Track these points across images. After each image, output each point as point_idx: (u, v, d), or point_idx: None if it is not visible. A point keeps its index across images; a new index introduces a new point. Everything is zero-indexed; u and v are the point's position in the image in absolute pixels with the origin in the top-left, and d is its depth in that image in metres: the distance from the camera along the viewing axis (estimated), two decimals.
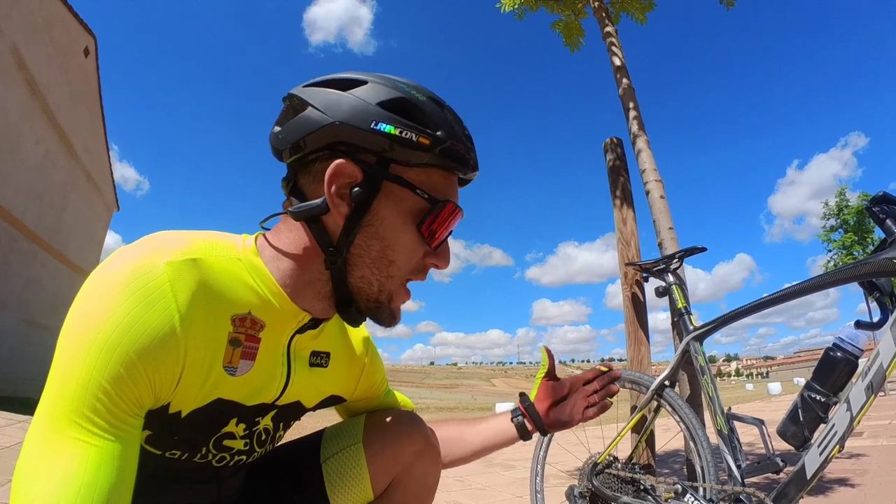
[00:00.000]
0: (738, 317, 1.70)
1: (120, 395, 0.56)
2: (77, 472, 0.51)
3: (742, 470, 1.54)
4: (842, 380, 1.39)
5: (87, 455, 0.53)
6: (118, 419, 0.56)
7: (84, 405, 0.54)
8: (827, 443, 1.31)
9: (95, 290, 0.58)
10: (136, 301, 0.57)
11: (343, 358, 0.92)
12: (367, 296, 0.72)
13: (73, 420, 0.54)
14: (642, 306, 2.49)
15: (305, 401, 0.86)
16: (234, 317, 0.68)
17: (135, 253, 0.61)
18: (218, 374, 0.68)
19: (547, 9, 4.00)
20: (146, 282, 0.59)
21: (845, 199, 18.84)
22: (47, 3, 9.76)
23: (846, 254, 18.15)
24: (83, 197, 12.98)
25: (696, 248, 2.07)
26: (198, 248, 0.66)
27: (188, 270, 0.63)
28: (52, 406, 0.55)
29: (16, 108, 9.14)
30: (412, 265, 0.73)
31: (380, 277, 0.71)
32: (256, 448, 0.83)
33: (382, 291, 0.72)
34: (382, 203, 0.69)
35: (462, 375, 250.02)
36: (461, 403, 52.73)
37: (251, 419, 0.78)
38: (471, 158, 0.73)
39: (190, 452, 0.74)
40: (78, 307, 0.58)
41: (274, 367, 0.76)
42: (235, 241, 0.73)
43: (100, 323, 0.56)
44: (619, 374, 1.15)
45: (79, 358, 0.55)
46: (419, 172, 0.70)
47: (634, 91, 2.99)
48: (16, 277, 9.80)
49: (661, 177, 2.64)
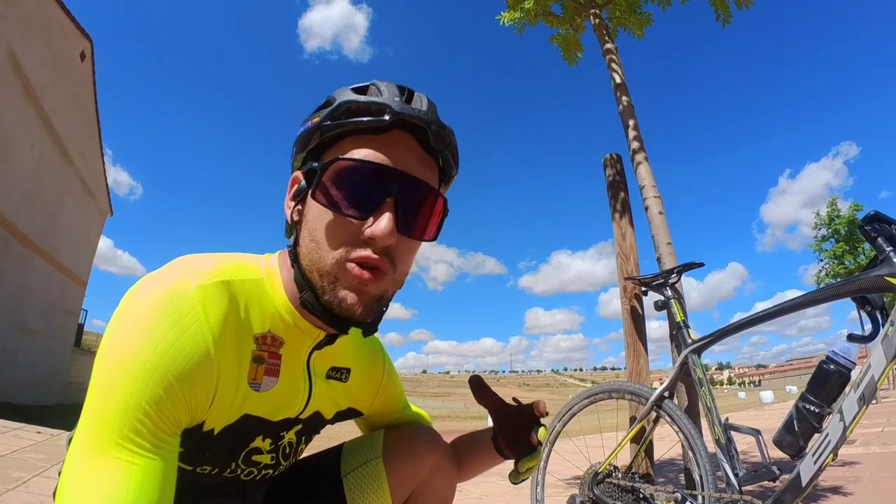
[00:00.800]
0: (735, 330, 1.75)
1: (160, 416, 0.58)
2: (121, 490, 0.53)
3: (739, 478, 1.58)
4: (835, 391, 1.44)
5: (131, 474, 0.54)
6: (159, 439, 0.58)
7: (126, 426, 0.55)
8: (821, 451, 1.36)
9: (130, 314, 0.60)
10: (170, 325, 0.59)
11: (361, 373, 0.94)
12: (318, 288, 0.68)
13: (115, 441, 0.55)
14: (641, 319, 2.54)
15: (326, 413, 0.89)
16: (256, 335, 0.72)
17: (166, 277, 0.64)
18: (244, 391, 0.71)
19: (546, 23, 4.05)
20: (179, 306, 0.61)
21: (836, 209, 18.96)
22: (44, 6, 9.74)
23: (837, 263, 18.26)
24: (77, 202, 12.89)
25: (694, 263, 2.13)
26: (224, 271, 0.69)
27: (218, 293, 0.65)
28: (94, 428, 0.56)
29: (11, 112, 9.11)
30: (341, 240, 0.66)
31: (316, 263, 0.67)
32: (282, 462, 0.86)
33: (323, 276, 0.67)
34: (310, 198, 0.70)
35: (455, 384, 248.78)
36: (454, 412, 52.39)
37: (276, 434, 0.81)
38: (374, 104, 0.66)
39: (220, 468, 0.77)
40: (114, 331, 0.60)
41: (297, 382, 0.79)
42: (259, 262, 0.77)
43: (137, 347, 0.57)
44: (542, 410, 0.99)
45: (118, 381, 0.56)
46: (335, 152, 0.69)
47: (634, 108, 3.04)
48: (8, 282, 9.72)
49: (660, 191, 2.70)
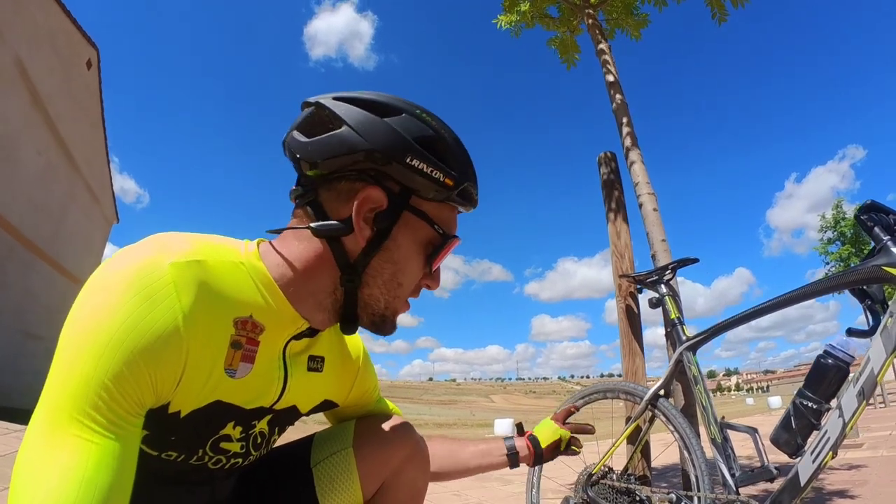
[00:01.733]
0: (729, 326, 1.71)
1: (122, 393, 0.56)
2: (77, 469, 0.51)
3: (736, 478, 1.54)
4: (833, 386, 1.39)
5: (88, 452, 0.53)
6: (119, 417, 0.56)
7: (86, 402, 0.54)
8: (820, 449, 1.32)
9: (99, 287, 0.59)
10: (140, 300, 0.58)
11: (337, 363, 0.93)
12: (373, 311, 0.77)
13: (74, 417, 0.54)
14: (636, 318, 2.51)
15: (301, 405, 0.87)
16: (236, 319, 0.69)
17: (139, 253, 0.62)
18: (218, 376, 0.69)
19: (543, 26, 4.05)
20: (151, 281, 0.59)
21: (842, 211, 18.86)
22: (50, 14, 9.83)
23: (844, 265, 18.13)
24: (83, 208, 12.97)
25: (688, 259, 2.09)
26: (201, 250, 0.67)
27: (192, 271, 0.63)
28: (54, 402, 0.55)
29: (17, 118, 9.16)
30: (414, 286, 0.79)
31: (387, 297, 0.76)
32: (252, 451, 0.84)
33: (388, 308, 0.77)
34: (401, 230, 0.74)
35: (461, 391, 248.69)
36: (460, 420, 52.38)
37: (248, 422, 0.79)
38: (476, 198, 0.81)
39: (187, 454, 0.75)
40: (81, 304, 0.58)
41: (271, 371, 0.77)
42: (237, 246, 0.74)
43: (103, 321, 0.56)
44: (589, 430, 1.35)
45: (82, 355, 0.55)
46: (432, 206, 0.75)
47: (628, 106, 3.03)
48: (12, 287, 9.75)
49: (656, 190, 2.67)
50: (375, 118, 0.70)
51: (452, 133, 0.77)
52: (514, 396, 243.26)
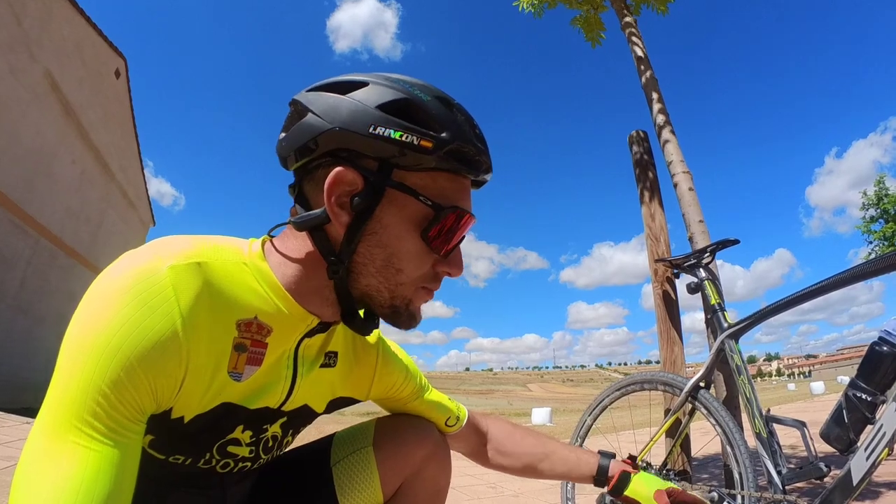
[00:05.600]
0: (774, 312, 1.62)
1: (120, 400, 0.55)
2: (76, 476, 0.51)
3: (783, 476, 1.47)
4: (889, 376, 1.29)
5: (87, 460, 0.52)
6: (118, 424, 0.56)
7: (84, 410, 0.54)
8: (874, 446, 1.23)
9: (99, 294, 0.58)
10: (137, 305, 0.57)
11: (351, 358, 0.91)
12: (381, 302, 0.71)
13: (73, 424, 0.53)
14: (674, 304, 2.42)
15: (314, 404, 0.86)
16: (239, 322, 0.67)
17: (138, 257, 0.61)
18: (222, 380, 0.67)
19: (565, 4, 3.95)
20: (149, 286, 0.58)
21: (885, 187, 18.22)
22: (77, 27, 10.11)
23: (888, 244, 17.52)
24: (119, 214, 13.41)
25: (728, 240, 1.98)
26: (202, 252, 0.65)
27: (192, 274, 0.62)
28: (53, 410, 0.54)
29: (51, 130, 9.50)
30: (422, 272, 0.71)
31: (389, 286, 0.70)
32: (262, 455, 0.83)
33: (396, 297, 0.71)
34: (385, 210, 0.67)
35: (498, 381, 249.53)
36: (497, 409, 52.64)
37: (258, 426, 0.78)
38: (482, 161, 0.71)
39: (194, 458, 0.74)
40: (81, 312, 0.58)
41: (279, 371, 0.75)
42: (241, 246, 0.72)
43: (101, 327, 0.55)
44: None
45: (80, 362, 0.55)
46: (424, 177, 0.68)
47: (657, 81, 2.93)
48: (55, 292, 10.16)
49: (691, 169, 2.57)
50: (338, 96, 0.67)
51: (437, 92, 0.69)
52: (552, 385, 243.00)
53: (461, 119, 0.69)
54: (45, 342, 9.74)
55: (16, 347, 9.02)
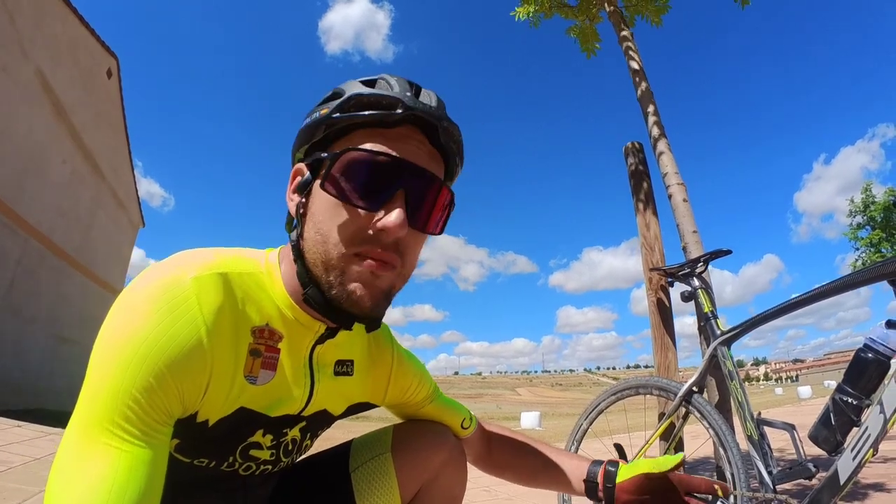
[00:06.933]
0: (766, 320, 1.67)
1: (150, 404, 0.58)
2: (108, 476, 0.53)
3: (773, 476, 1.51)
4: (874, 381, 1.36)
5: (119, 461, 0.54)
6: (149, 427, 0.58)
7: (116, 413, 0.56)
8: (860, 447, 1.29)
9: (127, 305, 0.61)
10: (164, 315, 0.60)
11: (367, 364, 0.93)
12: (323, 283, 0.67)
13: (105, 427, 0.55)
14: (668, 311, 2.47)
15: (332, 409, 0.88)
16: (253, 328, 0.71)
17: (163, 270, 0.64)
18: (240, 384, 0.70)
19: (562, 15, 4.00)
20: (173, 296, 0.61)
21: (871, 195, 18.40)
22: (70, 26, 10.02)
23: (874, 251, 17.71)
24: (109, 214, 13.25)
25: (721, 250, 2.04)
26: (222, 263, 0.69)
27: (213, 285, 0.66)
28: (86, 414, 0.57)
29: (42, 130, 9.39)
30: (349, 233, 0.65)
31: (322, 256, 0.66)
32: (283, 458, 0.85)
33: (329, 270, 0.66)
34: (315, 187, 0.69)
35: (487, 385, 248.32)
36: (486, 413, 52.44)
37: (278, 430, 0.80)
38: (384, 98, 0.66)
39: (217, 461, 0.77)
40: (110, 322, 0.60)
41: (297, 378, 0.78)
42: (259, 257, 0.76)
43: (130, 336, 0.58)
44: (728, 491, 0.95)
45: (111, 369, 0.57)
46: (343, 144, 0.68)
47: (653, 94, 2.98)
48: (45, 293, 10.03)
49: (683, 179, 2.62)
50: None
51: (388, 77, 0.70)
52: (541, 389, 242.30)
53: (364, 81, 0.70)
54: (36, 343, 9.64)
55: (6, 348, 8.91)
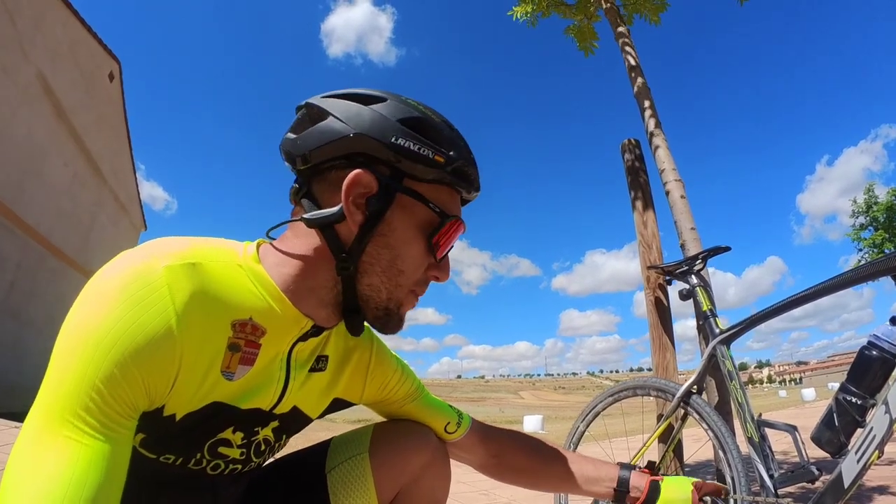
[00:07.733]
0: (765, 317, 1.63)
1: (113, 396, 0.56)
2: (66, 469, 0.52)
3: (775, 480, 1.47)
4: (879, 380, 1.32)
5: (78, 454, 0.53)
6: (111, 419, 0.56)
7: (77, 404, 0.54)
8: (865, 448, 1.24)
9: (95, 292, 0.59)
10: (132, 303, 0.58)
11: (343, 360, 0.91)
12: (376, 304, 0.75)
13: (65, 419, 0.54)
14: (666, 311, 2.43)
15: (307, 408, 0.86)
16: (234, 322, 0.69)
17: (135, 257, 0.62)
18: (215, 379, 0.69)
19: (559, 14, 3.99)
20: (144, 284, 0.60)
21: (874, 195, 18.40)
22: (71, 29, 10.04)
23: (877, 252, 17.69)
24: (110, 217, 13.30)
25: (719, 247, 2.01)
26: (197, 253, 0.67)
27: (187, 274, 0.64)
28: (46, 404, 0.55)
29: (43, 132, 9.40)
30: (418, 276, 0.76)
31: (388, 286, 0.74)
32: (254, 458, 0.83)
33: (391, 299, 0.75)
34: (395, 214, 0.72)
35: (489, 388, 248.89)
36: (489, 416, 52.48)
37: (249, 429, 0.79)
38: (476, 179, 0.79)
39: (184, 457, 0.75)
40: (77, 309, 0.59)
41: (271, 372, 0.76)
42: (236, 248, 0.74)
43: (96, 324, 0.57)
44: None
45: (74, 358, 0.56)
46: (428, 188, 0.74)
47: (650, 90, 2.95)
48: (43, 295, 10.04)
49: (683, 177, 2.60)
50: (360, 106, 0.72)
51: (442, 117, 0.77)
52: (543, 392, 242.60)
53: (462, 143, 0.77)
54: (35, 346, 9.61)
55: (5, 350, 8.90)
